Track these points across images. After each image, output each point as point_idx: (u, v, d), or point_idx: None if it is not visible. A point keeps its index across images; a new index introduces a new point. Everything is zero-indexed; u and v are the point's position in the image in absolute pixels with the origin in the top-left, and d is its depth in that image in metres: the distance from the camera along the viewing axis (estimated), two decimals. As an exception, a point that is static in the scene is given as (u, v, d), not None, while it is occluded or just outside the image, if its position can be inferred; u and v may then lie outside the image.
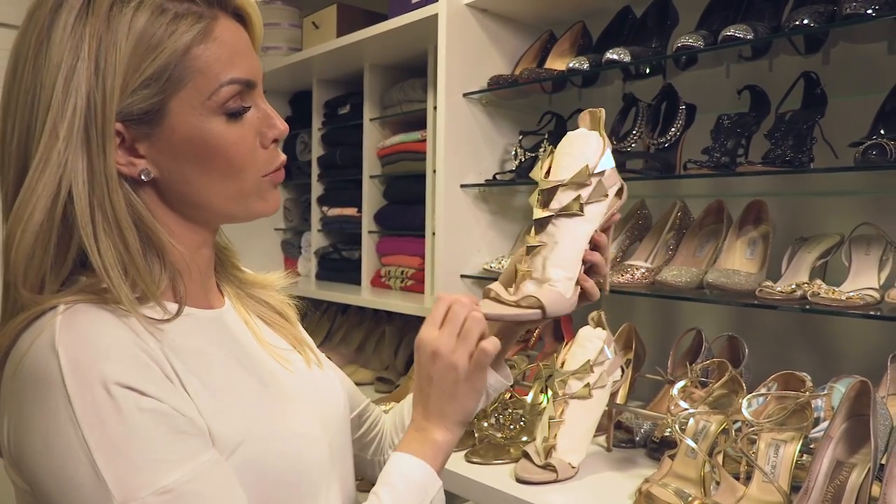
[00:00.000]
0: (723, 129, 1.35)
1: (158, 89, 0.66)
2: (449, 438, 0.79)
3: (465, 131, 1.69)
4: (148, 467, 0.60)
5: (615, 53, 1.41)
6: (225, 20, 0.70)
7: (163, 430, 0.61)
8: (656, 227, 1.55)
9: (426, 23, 1.69)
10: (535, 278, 0.82)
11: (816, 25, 1.16)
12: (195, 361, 0.68)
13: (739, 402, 1.01)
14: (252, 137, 0.72)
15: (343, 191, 2.32)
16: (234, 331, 0.78)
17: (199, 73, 0.67)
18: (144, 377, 0.62)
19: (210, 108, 0.68)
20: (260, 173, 0.73)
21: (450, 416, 0.79)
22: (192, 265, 0.74)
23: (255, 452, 0.68)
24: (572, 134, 0.86)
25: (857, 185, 1.44)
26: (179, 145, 0.68)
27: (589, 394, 1.16)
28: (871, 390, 0.96)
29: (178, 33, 0.66)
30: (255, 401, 0.72)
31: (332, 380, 0.89)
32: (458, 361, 0.78)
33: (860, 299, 1.14)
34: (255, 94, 0.73)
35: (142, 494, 0.59)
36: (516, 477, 1.13)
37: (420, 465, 0.77)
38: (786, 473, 0.99)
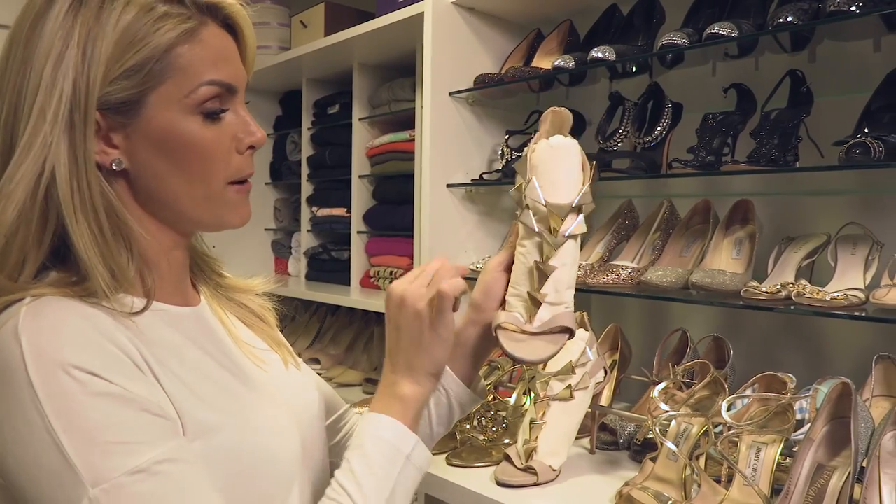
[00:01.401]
0: (708, 128, 1.34)
1: (138, 81, 0.67)
2: (418, 392, 0.77)
3: (451, 131, 1.68)
4: (117, 450, 0.59)
5: (600, 52, 1.39)
6: (214, 27, 0.71)
7: (131, 414, 0.61)
8: (643, 227, 1.54)
9: (413, 21, 1.68)
10: (549, 302, 0.80)
11: (800, 23, 1.14)
12: (166, 353, 0.68)
13: (719, 404, 1.00)
14: (227, 141, 0.72)
15: (332, 191, 2.31)
16: (209, 328, 0.78)
17: (180, 71, 0.68)
18: (109, 364, 0.62)
19: (187, 106, 0.69)
20: (229, 178, 0.73)
21: (418, 367, 0.77)
22: (164, 261, 0.74)
23: (227, 443, 0.68)
24: (555, 145, 0.81)
25: (847, 184, 1.43)
26: (153, 139, 0.69)
27: (570, 395, 1.14)
28: (853, 392, 0.94)
29: (163, 30, 0.67)
30: (227, 393, 0.72)
31: (309, 381, 0.89)
32: (424, 310, 0.76)
33: (844, 300, 1.13)
34: (235, 100, 0.73)
35: (113, 476, 0.58)
36: (496, 480, 1.12)
37: (389, 422, 0.75)
38: (766, 476, 0.97)
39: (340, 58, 2.11)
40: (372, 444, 0.73)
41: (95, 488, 0.58)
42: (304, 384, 0.87)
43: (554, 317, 0.79)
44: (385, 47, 1.96)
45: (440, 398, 0.89)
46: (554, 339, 0.79)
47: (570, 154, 0.81)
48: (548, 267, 0.80)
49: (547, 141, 0.81)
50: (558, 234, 0.79)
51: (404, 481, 0.74)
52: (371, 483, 0.71)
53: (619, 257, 1.51)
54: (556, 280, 0.80)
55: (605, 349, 1.49)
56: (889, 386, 1.16)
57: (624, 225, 1.57)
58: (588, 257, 1.54)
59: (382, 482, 0.72)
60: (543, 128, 0.83)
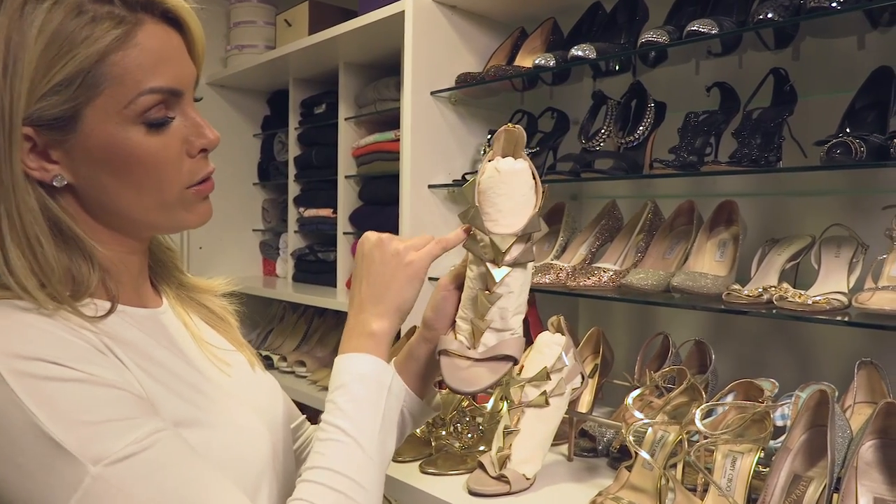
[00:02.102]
0: (690, 128, 1.31)
1: (70, 96, 0.63)
2: (385, 327, 0.77)
3: (433, 131, 1.65)
4: (109, 427, 0.59)
5: (580, 50, 1.37)
6: (152, 25, 0.67)
7: (113, 394, 0.61)
8: (627, 228, 1.51)
9: (395, 20, 1.66)
10: (494, 328, 0.80)
11: (781, 19, 1.11)
12: (134, 352, 0.67)
13: (693, 412, 0.97)
14: (177, 147, 0.70)
15: (319, 191, 2.29)
16: (172, 330, 0.77)
17: (116, 81, 0.64)
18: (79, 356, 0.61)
19: (128, 117, 0.65)
20: (184, 184, 0.71)
21: (386, 301, 0.77)
22: (122, 266, 0.73)
23: (198, 439, 0.67)
24: (503, 170, 0.78)
25: (835, 184, 1.40)
26: (95, 153, 0.66)
27: (546, 402, 1.12)
28: (831, 400, 0.92)
29: (93, 38, 0.63)
30: (196, 390, 0.71)
31: (273, 384, 0.88)
32: (400, 247, 0.78)
33: (826, 304, 1.10)
34: (182, 103, 0.70)
35: (114, 450, 0.58)
36: (468, 489, 1.09)
37: (367, 358, 0.75)
38: (742, 486, 0.94)
39: (326, 57, 2.09)
40: (355, 380, 0.73)
41: (97, 465, 0.57)
42: (270, 386, 0.87)
43: (499, 343, 0.79)
44: (370, 46, 1.94)
45: None
46: (495, 367, 0.78)
47: (518, 179, 0.78)
48: (492, 296, 0.79)
49: (495, 164, 0.78)
50: (503, 262, 0.77)
51: (389, 410, 0.74)
52: (361, 417, 0.71)
53: (603, 259, 1.49)
54: (502, 308, 0.79)
55: (588, 353, 1.47)
56: (872, 392, 1.13)
57: (608, 226, 1.54)
58: (571, 259, 1.51)
59: (372, 414, 0.72)
60: (496, 146, 0.79)
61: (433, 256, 0.79)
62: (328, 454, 0.69)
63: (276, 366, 2.25)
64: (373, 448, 0.70)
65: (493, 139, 0.82)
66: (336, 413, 0.71)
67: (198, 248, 2.49)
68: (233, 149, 2.56)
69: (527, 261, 0.78)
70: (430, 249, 0.79)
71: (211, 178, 0.75)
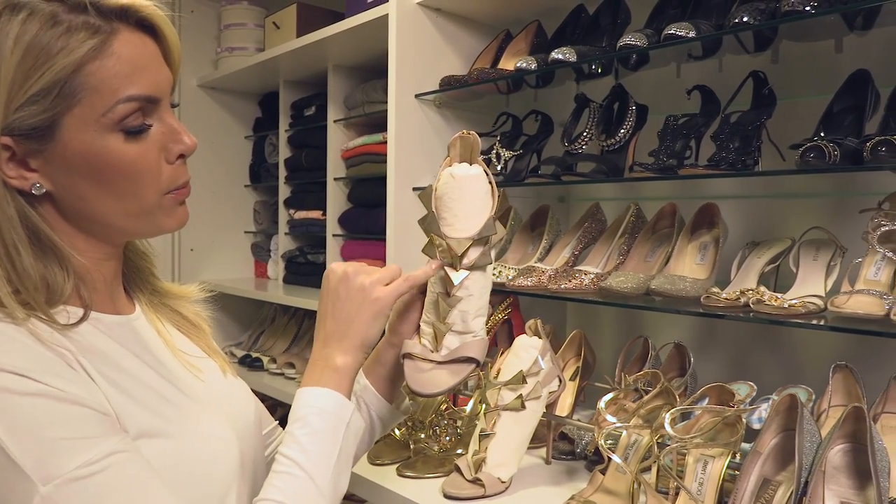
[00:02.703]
0: (669, 131, 1.31)
1: (48, 106, 0.64)
2: (349, 362, 0.77)
3: (418, 133, 1.66)
4: (65, 446, 0.59)
5: (560, 53, 1.37)
6: (127, 33, 0.67)
7: (73, 411, 0.61)
8: (609, 231, 1.51)
9: (380, 22, 1.66)
10: (456, 331, 0.81)
11: (756, 22, 1.11)
12: (102, 361, 0.68)
13: (663, 416, 0.97)
14: (155, 154, 0.70)
15: (309, 193, 2.29)
16: (144, 337, 0.77)
17: (93, 90, 0.65)
18: (42, 368, 0.61)
19: (105, 126, 0.66)
20: (162, 191, 0.72)
21: (350, 337, 0.78)
22: (97, 274, 0.73)
23: (166, 448, 0.67)
24: (458, 175, 0.80)
25: (816, 187, 1.40)
26: (73, 162, 0.67)
27: (521, 405, 1.12)
28: (800, 404, 0.92)
29: (69, 48, 0.64)
30: (165, 400, 0.71)
31: (245, 389, 0.89)
32: (366, 283, 0.78)
33: (802, 307, 1.10)
34: (159, 109, 0.71)
35: (64, 471, 0.58)
36: (444, 492, 1.09)
37: (328, 393, 0.75)
38: (713, 490, 0.94)
39: (315, 59, 2.09)
40: (314, 414, 0.74)
41: (47, 485, 0.57)
42: (241, 393, 0.87)
43: (461, 346, 0.80)
44: (358, 48, 1.94)
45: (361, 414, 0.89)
46: (457, 369, 0.79)
47: (474, 184, 0.80)
48: (452, 299, 0.80)
49: (450, 170, 0.79)
50: (461, 265, 0.78)
51: (346, 446, 0.75)
52: (318, 451, 0.72)
53: (585, 261, 1.49)
54: (463, 311, 0.80)
55: (571, 356, 1.47)
56: (848, 396, 1.13)
57: (591, 229, 1.54)
58: (554, 262, 1.51)
59: (328, 450, 0.73)
60: (452, 153, 0.81)
61: (400, 293, 0.80)
62: (281, 487, 0.70)
63: (266, 367, 2.26)
64: (325, 483, 0.71)
65: (448, 146, 0.82)
66: (293, 446, 0.72)
67: (189, 251, 2.49)
68: (224, 151, 2.56)
69: (485, 264, 0.79)
70: (398, 286, 0.79)
71: (188, 184, 0.76)
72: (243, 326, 2.62)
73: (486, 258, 0.80)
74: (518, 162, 1.57)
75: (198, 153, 0.76)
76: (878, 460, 0.85)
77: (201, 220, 2.50)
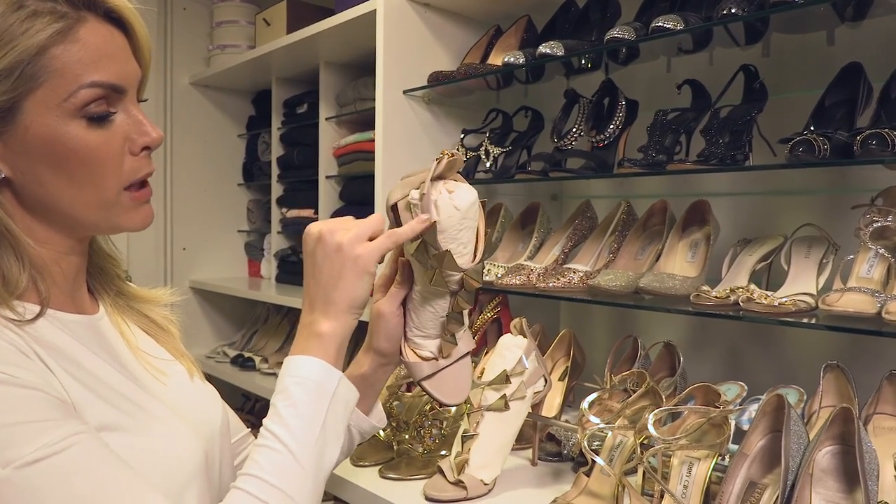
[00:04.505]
0: (659, 126, 1.29)
1: (9, 87, 0.63)
2: (336, 328, 0.74)
3: (406, 130, 1.63)
4: (23, 430, 0.58)
5: (548, 48, 1.34)
6: (95, 23, 0.67)
7: (29, 396, 0.60)
8: (600, 228, 1.49)
9: (369, 18, 1.63)
10: None
11: (745, 14, 1.09)
12: (61, 357, 0.66)
13: (646, 417, 0.94)
14: (118, 143, 0.69)
15: (301, 192, 2.27)
16: (107, 338, 0.76)
17: (55, 74, 0.64)
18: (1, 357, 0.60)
19: (68, 111, 0.65)
20: (123, 182, 0.70)
21: (336, 301, 0.74)
22: (56, 268, 0.72)
23: (122, 442, 0.66)
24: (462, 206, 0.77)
25: (809, 183, 1.38)
26: (33, 146, 0.66)
27: (505, 406, 1.09)
28: (788, 405, 0.89)
29: (32, 31, 0.63)
30: (124, 398, 0.70)
31: (213, 394, 0.87)
32: (343, 241, 0.73)
33: (793, 305, 1.07)
34: (125, 100, 0.70)
35: (23, 454, 0.57)
36: (425, 495, 1.07)
37: (310, 361, 0.72)
38: (698, 493, 0.92)
39: (306, 56, 2.07)
40: (295, 384, 0.71)
41: (6, 468, 0.56)
42: (208, 397, 0.85)
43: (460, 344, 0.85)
44: (348, 45, 1.92)
45: None
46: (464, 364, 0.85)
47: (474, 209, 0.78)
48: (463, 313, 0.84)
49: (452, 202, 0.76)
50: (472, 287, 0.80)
51: (333, 418, 0.72)
52: (299, 423, 0.69)
53: (575, 259, 1.46)
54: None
55: (560, 355, 1.44)
56: (839, 396, 1.10)
57: (581, 226, 1.52)
58: (544, 260, 1.49)
59: (310, 421, 0.70)
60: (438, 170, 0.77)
61: (384, 251, 0.75)
62: (261, 462, 0.68)
63: (259, 367, 2.24)
64: (307, 458, 0.69)
65: (435, 167, 0.77)
66: (274, 418, 0.70)
67: (181, 249, 2.47)
68: (217, 149, 2.54)
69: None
70: (381, 243, 0.75)
71: (149, 185, 0.74)
72: (236, 326, 2.60)
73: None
74: (508, 159, 1.55)
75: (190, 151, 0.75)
76: (866, 462, 0.82)
77: (194, 219, 2.49)
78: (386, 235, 0.76)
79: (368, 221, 0.76)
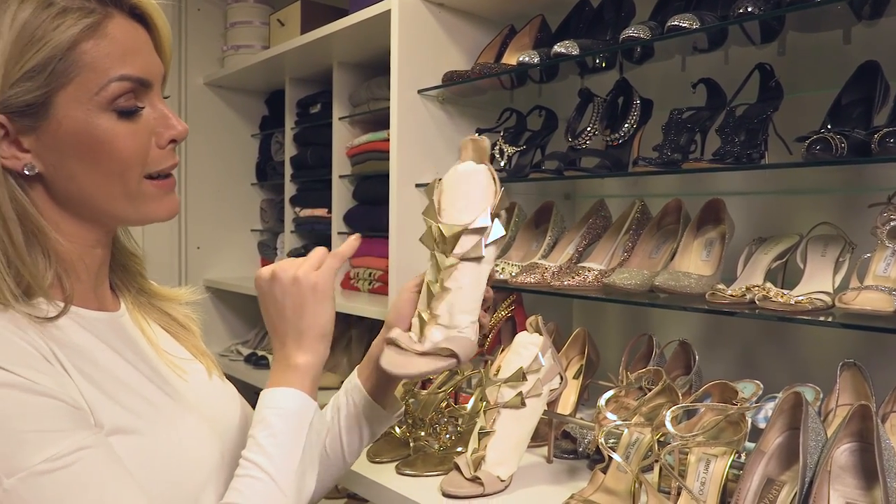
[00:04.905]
0: (674, 125, 1.29)
1: (42, 82, 0.65)
2: (311, 360, 0.76)
3: (420, 129, 1.64)
4: (31, 439, 0.58)
5: (562, 47, 1.35)
6: (121, 19, 0.69)
7: (42, 403, 0.60)
8: (614, 227, 1.49)
9: (384, 18, 1.64)
10: (442, 324, 0.81)
11: (761, 12, 1.09)
12: (80, 357, 0.67)
13: (663, 414, 0.95)
14: (145, 136, 0.71)
15: (314, 191, 2.28)
16: (128, 335, 0.77)
17: (86, 68, 0.66)
18: (16, 358, 0.61)
19: (98, 104, 0.67)
20: (145, 172, 0.72)
21: (306, 332, 0.75)
22: (81, 264, 0.73)
23: (139, 445, 0.67)
24: (462, 170, 0.83)
25: (825, 182, 1.38)
26: (65, 140, 0.67)
27: (521, 403, 1.10)
28: (805, 403, 0.89)
29: (63, 26, 0.65)
30: (142, 398, 0.71)
31: (231, 392, 0.89)
32: (298, 274, 0.76)
33: (809, 303, 1.08)
34: (151, 94, 0.72)
35: (28, 464, 0.57)
36: (442, 490, 1.08)
37: (290, 392, 0.74)
38: (715, 490, 0.92)
39: (320, 56, 2.08)
40: (275, 415, 0.72)
41: (11, 478, 0.57)
42: (227, 395, 0.87)
43: (444, 339, 0.80)
44: (362, 45, 1.93)
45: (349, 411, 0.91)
46: (434, 361, 0.79)
47: (474, 179, 0.82)
48: (438, 288, 0.80)
49: (456, 166, 0.82)
50: (450, 252, 0.78)
51: (309, 448, 0.73)
52: (279, 452, 0.70)
53: (590, 258, 1.47)
54: (450, 303, 0.80)
55: (574, 353, 1.45)
56: (856, 394, 1.10)
57: (595, 225, 1.52)
58: (558, 258, 1.49)
59: (290, 450, 0.71)
60: (463, 154, 0.84)
61: (334, 270, 0.78)
62: (243, 490, 0.69)
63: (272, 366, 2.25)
64: (288, 485, 0.70)
65: (460, 147, 0.85)
66: (255, 448, 0.71)
67: (195, 248, 2.49)
68: (231, 149, 2.56)
69: (476, 256, 0.79)
70: (330, 264, 0.78)
71: (172, 175, 0.76)
72: (250, 324, 2.62)
73: (478, 251, 0.79)
74: (522, 158, 1.55)
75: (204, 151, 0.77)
76: (884, 460, 0.83)
77: (208, 218, 2.51)
78: (331, 256, 0.79)
79: (313, 254, 0.79)
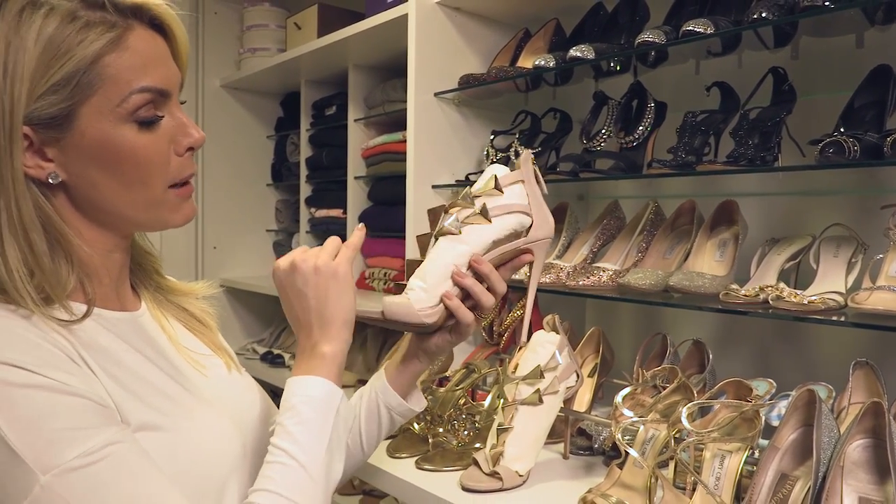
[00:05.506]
0: (688, 128, 1.31)
1: (67, 95, 0.67)
2: (336, 348, 0.77)
3: (436, 131, 1.67)
4: (64, 436, 0.61)
5: (578, 51, 1.37)
6: (141, 30, 0.71)
7: (72, 402, 0.62)
8: (628, 228, 1.52)
9: (400, 22, 1.67)
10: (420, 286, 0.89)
11: (775, 18, 1.11)
12: (104, 357, 0.69)
13: (679, 410, 0.97)
14: (165, 145, 0.73)
15: (329, 192, 2.31)
16: (149, 334, 0.79)
17: (109, 81, 0.68)
18: (43, 361, 0.63)
19: (120, 116, 0.69)
20: (169, 181, 0.74)
21: (331, 319, 0.77)
22: (103, 268, 0.75)
23: (163, 442, 0.69)
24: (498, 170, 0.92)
25: (837, 184, 1.39)
26: (88, 151, 0.69)
27: (539, 400, 1.12)
28: (818, 400, 0.91)
29: (87, 41, 0.67)
30: (165, 395, 0.73)
31: (251, 385, 0.90)
32: (318, 263, 0.77)
33: (822, 303, 1.10)
34: (170, 104, 0.74)
35: (62, 461, 0.60)
36: (461, 485, 1.10)
37: (317, 381, 0.75)
38: (730, 485, 0.94)
39: (335, 59, 2.11)
40: (303, 402, 0.74)
41: (46, 475, 0.59)
42: (246, 388, 0.88)
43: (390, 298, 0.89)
44: (378, 48, 1.96)
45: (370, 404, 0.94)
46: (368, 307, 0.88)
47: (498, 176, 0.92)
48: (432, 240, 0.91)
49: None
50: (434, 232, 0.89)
51: (336, 435, 0.75)
52: (308, 439, 0.72)
53: (604, 258, 1.49)
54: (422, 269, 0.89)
55: (589, 352, 1.47)
56: (868, 393, 1.12)
57: (609, 226, 1.54)
58: (573, 259, 1.52)
59: (319, 437, 0.73)
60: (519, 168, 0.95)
61: (350, 259, 0.80)
62: (274, 477, 0.70)
63: (288, 364, 2.28)
64: (318, 471, 0.71)
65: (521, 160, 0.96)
66: (283, 436, 0.72)
67: (212, 248, 2.53)
68: (246, 150, 2.60)
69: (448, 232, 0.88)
70: (346, 254, 0.80)
71: (191, 182, 0.78)
72: (265, 323, 2.65)
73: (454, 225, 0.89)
74: (536, 159, 1.57)
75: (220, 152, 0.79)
76: (897, 456, 0.85)
77: (224, 219, 2.54)
78: (344, 247, 0.81)
79: (327, 244, 0.81)
